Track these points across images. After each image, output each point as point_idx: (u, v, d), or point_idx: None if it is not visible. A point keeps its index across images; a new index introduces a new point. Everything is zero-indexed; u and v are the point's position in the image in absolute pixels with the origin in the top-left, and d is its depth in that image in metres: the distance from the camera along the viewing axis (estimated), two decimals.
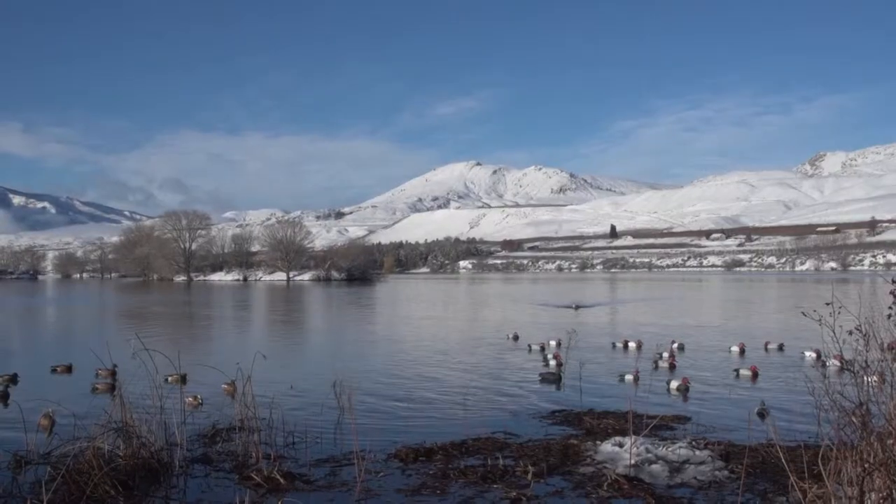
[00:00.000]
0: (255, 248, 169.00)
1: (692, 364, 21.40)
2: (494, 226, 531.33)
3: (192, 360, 19.96)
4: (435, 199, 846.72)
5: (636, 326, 34.31)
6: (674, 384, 17.14)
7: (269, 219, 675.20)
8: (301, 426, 12.74)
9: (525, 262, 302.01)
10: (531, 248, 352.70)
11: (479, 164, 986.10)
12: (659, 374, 19.37)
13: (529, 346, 25.66)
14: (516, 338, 28.58)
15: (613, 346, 25.86)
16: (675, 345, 24.86)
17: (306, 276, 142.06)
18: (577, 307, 47.48)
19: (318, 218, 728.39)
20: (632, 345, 25.51)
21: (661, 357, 21.68)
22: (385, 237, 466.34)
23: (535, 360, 22.55)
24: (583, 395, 16.53)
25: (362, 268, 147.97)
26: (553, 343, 25.78)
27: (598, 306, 51.33)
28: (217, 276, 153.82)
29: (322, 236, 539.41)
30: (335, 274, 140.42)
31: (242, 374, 12.38)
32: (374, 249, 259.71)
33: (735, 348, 24.21)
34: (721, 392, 16.89)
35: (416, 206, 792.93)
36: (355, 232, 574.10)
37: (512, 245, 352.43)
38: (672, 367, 20.55)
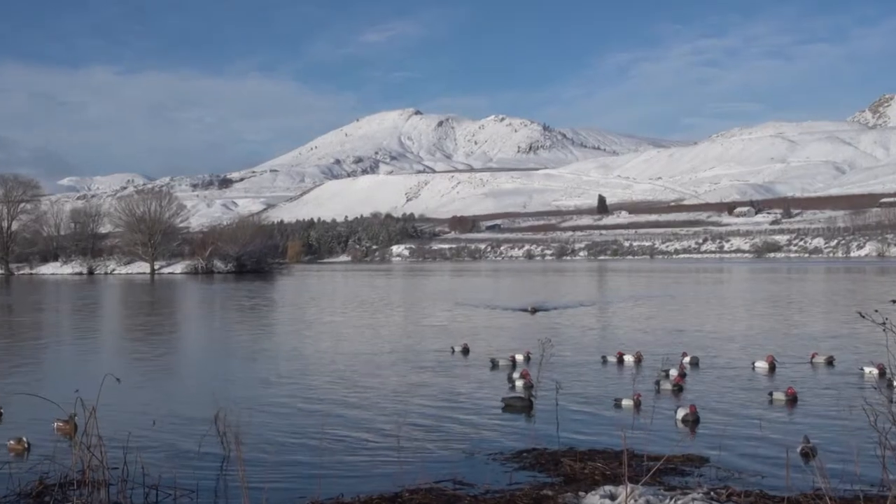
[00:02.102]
0: (106, 228, 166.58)
1: (709, 385, 21.66)
2: (440, 197, 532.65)
3: (12, 388, 19.53)
4: (358, 160, 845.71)
5: (634, 334, 34.68)
6: (680, 413, 17.37)
7: (124, 188, 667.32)
8: (168, 478, 12.52)
9: (482, 246, 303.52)
10: (491, 229, 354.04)
11: (419, 113, 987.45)
12: (664, 400, 19.61)
13: (493, 360, 25.87)
14: (466, 351, 28.85)
15: (604, 360, 26.23)
16: (688, 359, 25.24)
17: (179, 268, 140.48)
18: (535, 310, 47.96)
19: (194, 187, 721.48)
20: (629, 359, 25.82)
21: (665, 376, 21.98)
22: (290, 213, 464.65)
23: (496, 381, 22.60)
24: (561, 429, 16.60)
25: (258, 256, 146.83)
26: (520, 358, 25.97)
27: (575, 308, 51.82)
28: (50, 269, 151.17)
29: (201, 212, 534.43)
30: (219, 264, 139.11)
31: (84, 406, 12.11)
32: (275, 230, 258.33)
33: (761, 364, 24.65)
34: (749, 424, 17.08)
35: (333, 171, 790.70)
36: (248, 206, 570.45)
37: (464, 224, 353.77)
38: (678, 389, 20.86)
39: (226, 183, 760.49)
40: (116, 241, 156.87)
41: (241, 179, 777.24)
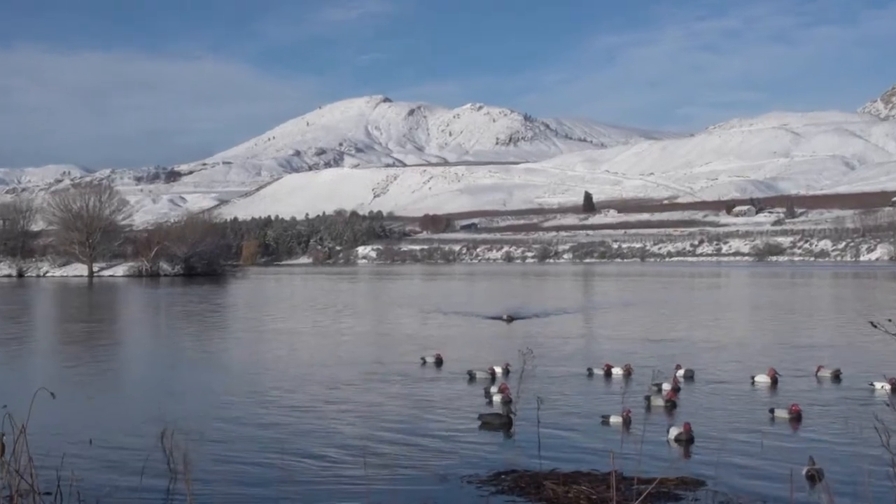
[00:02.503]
0: (38, 226, 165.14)
1: (705, 401, 21.81)
2: (411, 194, 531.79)
3: None
4: (321, 152, 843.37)
5: (623, 345, 34.77)
6: (673, 431, 17.47)
7: (59, 181, 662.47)
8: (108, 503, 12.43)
9: (457, 248, 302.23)
10: (466, 228, 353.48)
11: (388, 100, 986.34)
12: (655, 417, 19.68)
13: (471, 373, 26.03)
14: (439, 362, 29.04)
15: (590, 373, 26.40)
16: (681, 372, 25.34)
17: (120, 270, 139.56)
18: (510, 319, 48.21)
19: (138, 180, 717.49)
20: (617, 371, 25.96)
21: (657, 390, 22.01)
22: (245, 210, 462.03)
23: (472, 396, 22.66)
24: (543, 449, 16.61)
25: (209, 257, 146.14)
26: (499, 370, 26.13)
27: (558, 315, 51.98)
28: None
29: (146, 208, 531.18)
30: (166, 266, 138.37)
31: (13, 423, 11.99)
32: (228, 229, 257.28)
33: (762, 378, 24.78)
34: (749, 443, 17.19)
35: (293, 164, 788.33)
36: (198, 202, 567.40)
37: (438, 223, 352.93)
38: (671, 405, 20.95)
39: (173, 176, 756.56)
40: (50, 241, 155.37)
41: (191, 172, 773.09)
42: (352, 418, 20.11)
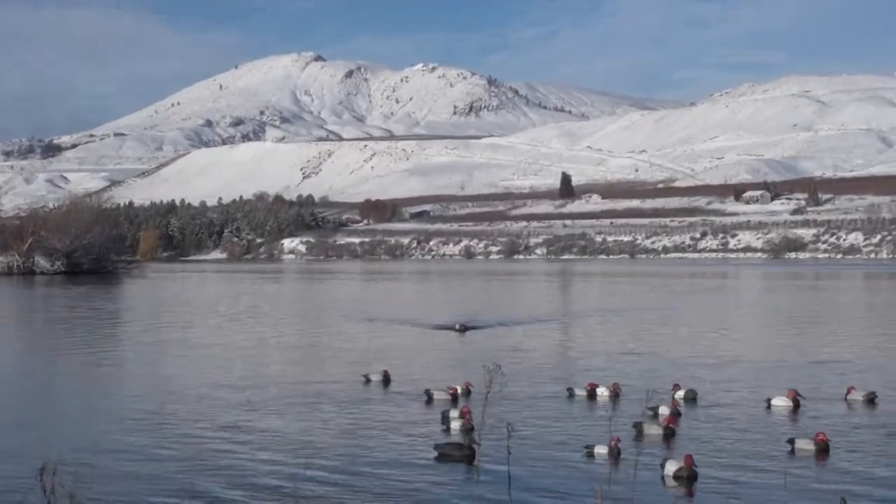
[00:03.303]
0: None
1: (709, 428, 21.88)
2: (349, 175, 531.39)
3: None
4: (237, 122, 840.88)
5: (610, 360, 35.00)
6: (671, 466, 17.52)
7: None
8: None
9: (406, 241, 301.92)
10: (417, 217, 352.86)
11: (320, 59, 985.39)
12: (650, 448, 19.72)
13: (428, 393, 26.14)
14: (386, 380, 29.21)
15: (571, 394, 26.48)
16: (681, 393, 25.48)
17: None
18: (464, 328, 48.46)
19: (7, 155, 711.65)
20: (603, 392, 26.05)
21: (652, 415, 22.15)
22: (142, 193, 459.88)
23: (426, 422, 22.72)
24: (514, 487, 16.58)
25: (98, 251, 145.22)
26: (458, 390, 26.26)
27: (529, 324, 52.16)
28: None
29: (18, 190, 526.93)
30: (43, 262, 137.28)
31: None
32: (122, 216, 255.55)
33: (780, 400, 24.90)
34: (765, 481, 17.23)
35: (202, 137, 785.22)
36: (83, 182, 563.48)
37: (382, 210, 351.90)
38: (669, 433, 21.04)
39: (52, 150, 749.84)
40: None
41: (74, 146, 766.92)
42: (275, 452, 19.99)
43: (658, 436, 20.89)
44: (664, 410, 22.62)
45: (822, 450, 19.31)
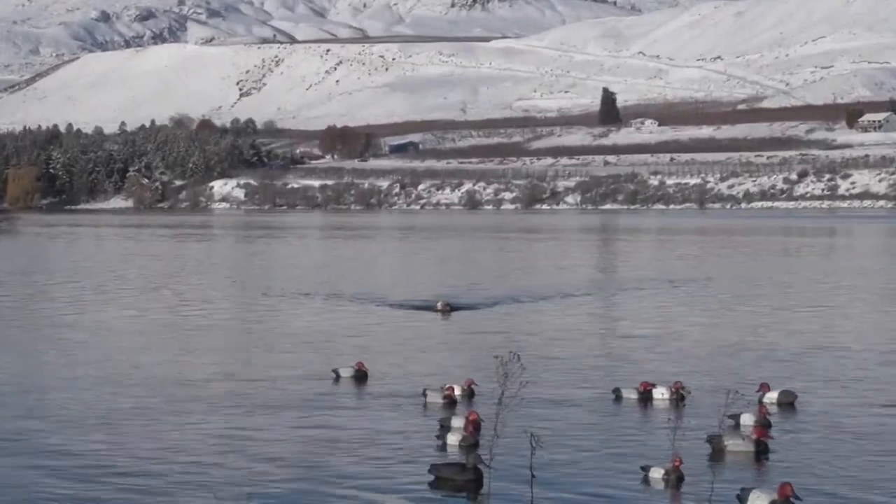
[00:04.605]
0: None
1: (815, 443, 20.71)
2: (306, 91, 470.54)
3: None
4: (146, 16, 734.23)
5: (669, 350, 33.25)
6: (760, 498, 15.91)
7: None
8: None
9: (385, 184, 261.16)
10: (401, 152, 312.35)
11: None
12: (729, 470, 18.30)
13: (425, 392, 25.12)
14: (361, 376, 28.13)
15: (618, 395, 25.48)
16: (773, 395, 24.26)
17: None
18: (448, 308, 45.55)
19: None
20: (661, 393, 25.03)
21: (734, 425, 21.12)
22: (11, 115, 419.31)
23: (418, 432, 21.71)
24: None
25: None
26: (457, 391, 25.34)
27: (553, 301, 48.66)
28: None
29: None
30: None
31: None
32: None
33: None
34: None
35: (96, 36, 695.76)
36: None
37: (352, 142, 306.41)
38: (761, 449, 19.61)
39: None
40: None
41: None
42: (221, 468, 18.88)
43: (742, 454, 19.52)
44: (748, 419, 21.29)
45: None
